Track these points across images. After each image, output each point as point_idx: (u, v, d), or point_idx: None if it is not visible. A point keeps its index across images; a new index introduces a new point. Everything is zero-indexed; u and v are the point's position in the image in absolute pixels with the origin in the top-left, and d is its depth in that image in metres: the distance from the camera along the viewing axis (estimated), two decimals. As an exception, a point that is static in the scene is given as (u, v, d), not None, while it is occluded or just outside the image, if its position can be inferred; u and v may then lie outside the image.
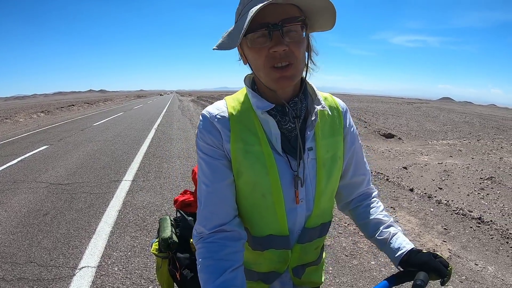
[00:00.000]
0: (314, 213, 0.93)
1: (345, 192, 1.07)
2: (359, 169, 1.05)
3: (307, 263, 1.01)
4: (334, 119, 0.97)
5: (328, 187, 0.94)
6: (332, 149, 0.94)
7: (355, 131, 1.03)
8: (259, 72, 0.83)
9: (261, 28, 0.76)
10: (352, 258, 3.14)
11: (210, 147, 0.88)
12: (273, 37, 0.77)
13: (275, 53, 0.77)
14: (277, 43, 0.76)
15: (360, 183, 1.06)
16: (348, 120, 1.01)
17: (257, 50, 0.79)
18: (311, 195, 0.92)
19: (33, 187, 5.46)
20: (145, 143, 9.44)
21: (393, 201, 4.65)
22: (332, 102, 1.00)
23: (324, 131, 0.94)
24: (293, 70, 0.80)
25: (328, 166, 0.93)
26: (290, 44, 0.77)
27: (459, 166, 6.89)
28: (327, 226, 1.00)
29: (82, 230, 3.76)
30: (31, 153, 8.41)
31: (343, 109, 1.01)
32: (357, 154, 1.03)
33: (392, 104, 33.82)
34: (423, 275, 0.81)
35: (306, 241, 0.95)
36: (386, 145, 10.41)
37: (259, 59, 0.80)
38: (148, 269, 2.94)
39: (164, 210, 4.29)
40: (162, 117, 18.39)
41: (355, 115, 18.12)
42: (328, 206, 0.99)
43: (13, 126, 16.46)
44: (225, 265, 0.82)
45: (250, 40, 0.79)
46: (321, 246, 1.06)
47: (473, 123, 18.83)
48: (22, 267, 3.02)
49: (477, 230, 3.71)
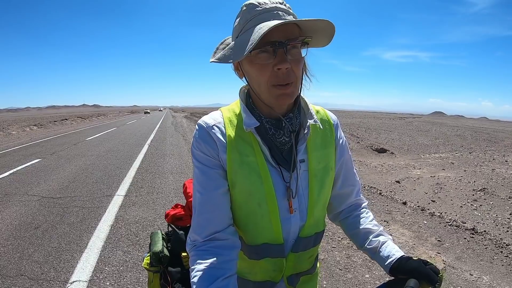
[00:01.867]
0: (308, 223, 0.94)
1: (335, 202, 1.08)
2: (348, 180, 1.07)
3: (301, 271, 1.02)
4: (325, 132, 0.99)
5: (320, 197, 0.95)
6: (323, 161, 0.96)
7: (345, 143, 1.05)
8: (259, 88, 0.84)
9: (267, 45, 0.78)
10: (346, 271, 3.12)
11: (205, 157, 0.89)
12: (278, 54, 0.79)
13: (279, 70, 0.79)
14: (281, 61, 0.78)
15: (349, 193, 1.08)
16: (339, 133, 1.04)
17: (260, 66, 0.81)
18: (304, 205, 0.93)
19: (25, 200, 5.39)
20: (138, 158, 9.41)
21: (386, 214, 4.66)
22: (324, 115, 1.03)
23: (316, 143, 0.96)
24: (293, 88, 0.83)
25: (320, 177, 0.94)
26: (292, 62, 0.80)
27: (451, 179, 6.95)
28: (320, 236, 1.01)
29: (73, 244, 3.70)
30: (23, 166, 8.33)
31: (334, 122, 1.04)
32: (346, 165, 1.05)
33: (384, 120, 34.18)
34: (413, 282, 0.80)
35: (300, 250, 0.96)
36: (379, 160, 10.48)
37: (262, 76, 0.81)
38: (141, 284, 2.90)
39: (156, 225, 4.25)
40: (155, 133, 18.37)
41: (348, 130, 18.27)
42: (321, 216, 1.00)
43: (5, 138, 16.33)
44: (217, 273, 0.82)
45: (253, 55, 0.81)
46: (315, 255, 1.07)
47: (465, 136, 19.07)
48: (13, 280, 2.96)
49: (471, 241, 3.73)
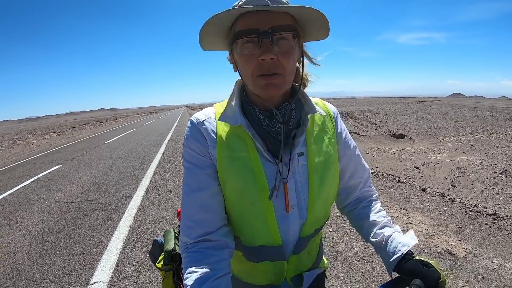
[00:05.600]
0: (309, 221, 0.90)
1: (343, 195, 1.05)
2: (356, 173, 1.03)
3: (305, 270, 0.99)
4: (325, 124, 0.96)
5: (321, 193, 0.90)
6: (324, 154, 0.92)
7: (348, 135, 1.02)
8: (247, 79, 0.83)
9: (251, 34, 0.76)
10: (364, 263, 3.08)
11: (194, 154, 0.88)
12: (262, 44, 0.77)
13: (263, 61, 0.77)
14: (265, 51, 0.76)
15: (357, 185, 1.04)
16: (340, 125, 1.00)
17: (246, 57, 0.79)
18: (304, 202, 0.89)
19: (46, 206, 5.54)
20: (156, 158, 9.49)
21: (405, 202, 4.57)
22: (323, 107, 0.99)
23: (316, 136, 0.92)
24: (281, 79, 0.79)
25: (320, 172, 0.90)
26: (278, 53, 0.77)
27: (472, 162, 6.77)
28: (319, 230, 0.97)
29: (94, 246, 3.79)
30: (44, 173, 8.56)
31: (334, 114, 1.00)
32: (352, 157, 1.01)
33: (402, 104, 33.56)
34: (419, 281, 0.78)
35: (302, 250, 0.93)
36: (398, 146, 10.30)
37: (248, 67, 0.80)
38: (159, 283, 2.94)
39: (174, 223, 4.30)
40: (172, 132, 18.48)
41: (365, 117, 18.02)
42: (323, 213, 0.95)
43: (26, 147, 16.80)
44: (209, 274, 0.81)
45: (240, 46, 0.79)
46: (315, 249, 1.03)
47: (484, 117, 18.53)
48: (36, 284, 3.05)
49: (492, 227, 3.62)
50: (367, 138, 11.59)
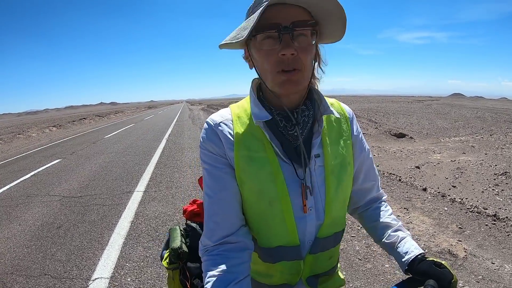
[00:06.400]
0: (326, 222, 0.89)
1: (356, 197, 1.05)
2: (369, 175, 1.03)
3: (321, 273, 0.98)
4: (341, 126, 0.95)
5: (338, 194, 0.90)
6: (340, 156, 0.91)
7: (363, 138, 1.02)
8: (266, 75, 0.82)
9: (271, 29, 0.76)
10: (365, 261, 3.09)
11: (212, 155, 0.87)
12: (283, 39, 0.76)
13: (283, 56, 0.76)
14: (285, 46, 0.76)
15: (370, 188, 1.05)
16: (356, 126, 1.00)
17: (266, 52, 0.79)
18: (321, 204, 0.88)
19: (46, 200, 5.55)
20: (156, 153, 9.49)
21: (406, 201, 4.58)
22: (339, 108, 0.99)
23: (332, 137, 0.92)
24: (300, 75, 0.79)
25: (337, 173, 0.90)
26: (298, 49, 0.77)
27: (472, 163, 6.78)
28: (340, 235, 0.97)
29: (95, 241, 3.79)
30: (44, 167, 8.56)
31: (350, 115, 1.00)
32: (367, 160, 1.02)
33: (402, 103, 33.54)
34: (433, 282, 0.80)
35: (319, 251, 0.92)
36: (398, 145, 10.31)
37: (268, 63, 0.79)
38: (161, 279, 2.95)
39: (176, 219, 4.30)
40: (172, 127, 18.45)
41: (366, 116, 18.01)
42: (341, 215, 0.95)
43: (26, 141, 16.80)
44: (230, 277, 0.80)
45: (259, 41, 0.79)
46: (336, 256, 1.02)
47: (485, 118, 18.54)
48: (37, 279, 3.06)
49: (492, 228, 3.63)
50: (367, 137, 11.59)
